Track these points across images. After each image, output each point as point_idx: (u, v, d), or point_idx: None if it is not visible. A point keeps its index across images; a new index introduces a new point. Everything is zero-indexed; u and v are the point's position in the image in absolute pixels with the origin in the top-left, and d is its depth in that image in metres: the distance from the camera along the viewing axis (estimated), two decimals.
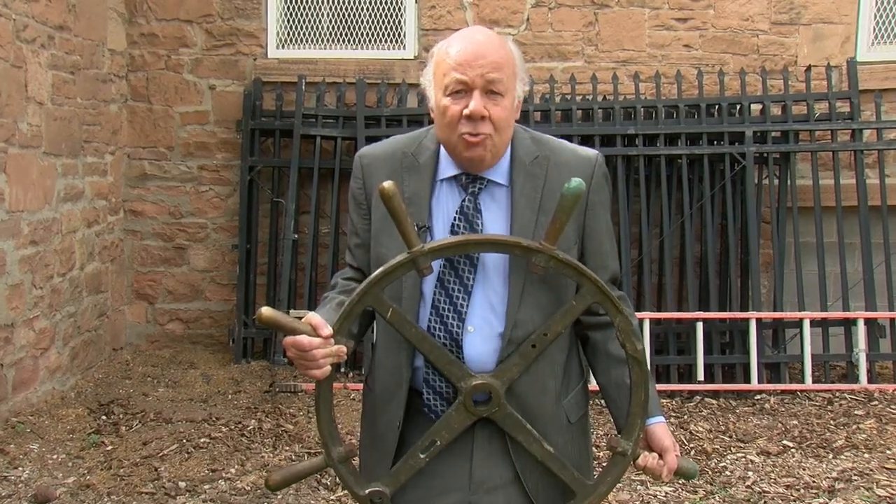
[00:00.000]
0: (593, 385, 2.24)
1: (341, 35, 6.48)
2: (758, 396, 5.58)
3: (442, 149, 2.06)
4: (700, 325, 5.69)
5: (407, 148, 2.10)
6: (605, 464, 2.09)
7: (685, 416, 5.24)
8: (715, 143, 6.00)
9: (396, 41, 6.45)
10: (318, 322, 1.89)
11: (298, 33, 6.48)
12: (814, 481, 4.29)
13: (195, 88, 6.40)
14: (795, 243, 5.90)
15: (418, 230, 1.96)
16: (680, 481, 4.28)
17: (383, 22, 6.44)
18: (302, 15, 6.47)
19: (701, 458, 4.60)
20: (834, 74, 6.19)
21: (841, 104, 6.09)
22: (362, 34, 6.47)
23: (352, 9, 6.45)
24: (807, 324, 5.71)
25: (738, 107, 6.06)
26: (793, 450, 4.70)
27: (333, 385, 2.01)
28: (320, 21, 6.48)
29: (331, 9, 6.47)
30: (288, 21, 6.48)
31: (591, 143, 5.90)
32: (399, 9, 6.42)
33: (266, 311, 1.86)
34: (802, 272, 5.91)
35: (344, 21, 6.47)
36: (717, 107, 6.04)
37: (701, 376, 5.62)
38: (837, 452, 4.65)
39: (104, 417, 5.04)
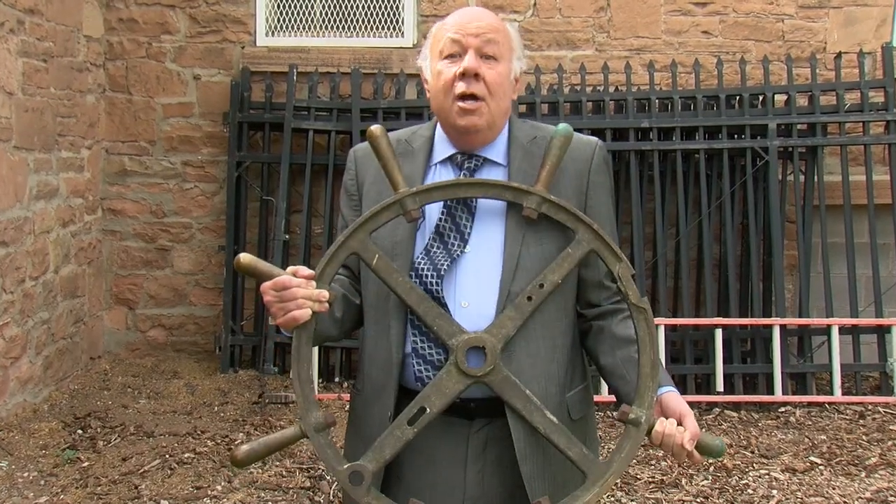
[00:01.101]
0: (600, 397, 2.20)
1: (335, 22, 6.44)
2: (782, 409, 5.54)
3: (437, 133, 2.14)
4: (719, 332, 5.66)
5: (402, 136, 2.18)
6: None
7: (703, 430, 5.17)
8: (735, 136, 5.96)
9: (394, 28, 6.40)
10: (298, 267, 1.94)
11: (289, 20, 6.43)
12: (845, 502, 4.25)
13: (178, 78, 6.36)
14: (823, 244, 5.86)
15: None
16: (699, 499, 4.23)
17: (380, 8, 6.39)
18: (293, 0, 6.41)
19: (721, 475, 4.56)
20: (867, 61, 6.13)
21: (874, 94, 6.02)
22: (358, 21, 6.42)
23: None
24: (835, 331, 5.66)
25: (760, 97, 6.01)
26: (821, 467, 4.67)
27: (314, 342, 1.98)
28: (313, 7, 6.44)
29: None
30: (278, 6, 6.43)
31: (603, 137, 5.86)
32: None
33: (245, 256, 1.90)
34: (831, 275, 5.86)
35: (338, 7, 6.42)
36: (737, 98, 6.00)
37: (720, 387, 5.59)
38: (871, 471, 4.60)
39: (80, 432, 5.01)
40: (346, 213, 2.20)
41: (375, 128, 1.96)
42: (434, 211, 2.06)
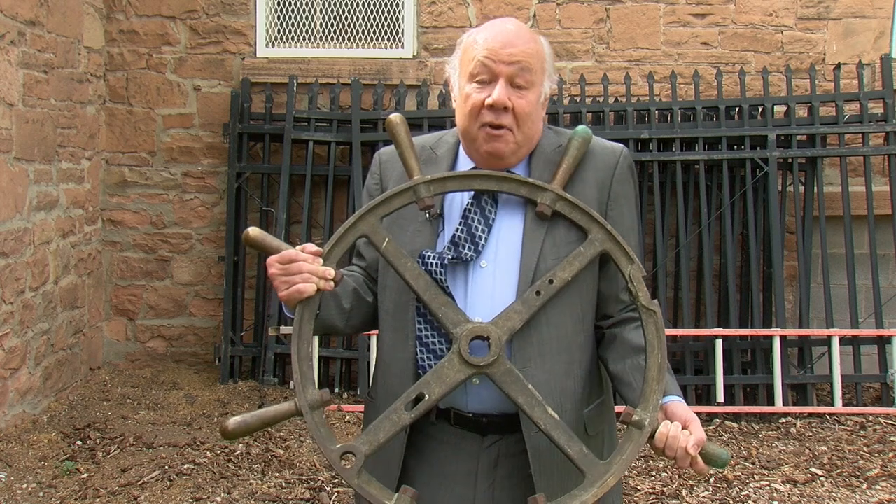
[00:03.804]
0: (620, 408, 2.17)
1: (335, 33, 6.44)
2: (783, 420, 5.52)
3: (462, 142, 2.11)
4: (719, 343, 5.65)
5: (427, 142, 2.16)
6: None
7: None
8: (735, 147, 5.95)
9: (394, 39, 6.39)
10: (306, 244, 1.93)
11: (289, 31, 6.43)
12: None
13: (179, 89, 6.35)
14: (823, 255, 5.84)
15: (430, 218, 2.01)
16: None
17: (380, 19, 6.39)
18: (293, 11, 6.42)
19: (721, 486, 4.53)
20: (866, 73, 6.13)
21: (873, 105, 6.02)
22: (358, 32, 6.42)
23: (347, 5, 6.40)
24: (836, 341, 5.64)
25: (760, 108, 6.01)
26: (822, 478, 4.64)
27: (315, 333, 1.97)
28: (313, 18, 6.44)
29: (324, 5, 6.42)
30: (278, 17, 6.43)
31: None
32: (397, 5, 6.36)
33: (253, 229, 1.91)
34: (831, 286, 5.84)
35: (338, 18, 6.42)
36: (737, 109, 5.99)
37: (721, 398, 5.57)
38: (872, 482, 4.58)
39: (79, 443, 4.99)
40: None
41: (395, 116, 1.96)
42: (454, 219, 2.04)
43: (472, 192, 2.04)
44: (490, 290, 1.99)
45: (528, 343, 1.96)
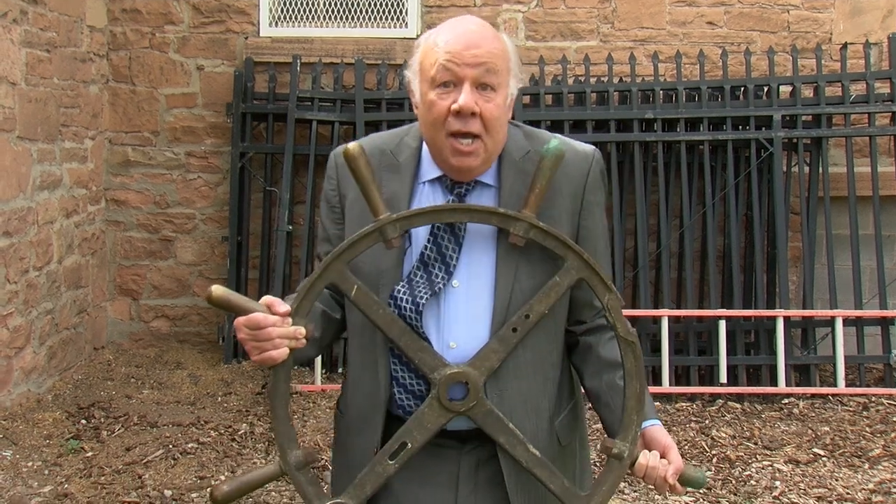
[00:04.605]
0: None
1: (339, 12, 6.42)
2: (785, 400, 5.53)
3: (425, 147, 2.01)
4: (723, 324, 5.65)
5: (386, 145, 2.05)
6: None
7: (707, 421, 5.20)
8: (740, 127, 5.94)
9: (398, 19, 6.38)
10: (273, 300, 1.85)
11: (293, 10, 6.42)
12: (848, 493, 4.25)
13: (182, 69, 6.35)
14: (827, 236, 5.84)
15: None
16: (702, 491, 4.23)
17: None
18: None
19: (724, 466, 4.56)
20: (873, 52, 6.10)
21: (880, 85, 6.00)
22: (361, 11, 6.41)
23: None
24: (839, 322, 5.64)
25: (765, 89, 5.99)
26: (824, 458, 4.66)
27: (293, 382, 1.95)
28: None
29: None
30: None
31: (607, 129, 5.85)
32: None
33: (217, 289, 1.84)
34: (835, 267, 5.84)
35: None
36: (742, 89, 5.98)
37: (724, 378, 5.58)
38: (874, 462, 4.60)
39: (84, 421, 5.02)
40: (327, 224, 2.09)
41: (353, 146, 1.85)
42: (421, 237, 1.97)
43: (440, 201, 1.98)
44: (464, 310, 1.94)
45: (503, 369, 1.93)
